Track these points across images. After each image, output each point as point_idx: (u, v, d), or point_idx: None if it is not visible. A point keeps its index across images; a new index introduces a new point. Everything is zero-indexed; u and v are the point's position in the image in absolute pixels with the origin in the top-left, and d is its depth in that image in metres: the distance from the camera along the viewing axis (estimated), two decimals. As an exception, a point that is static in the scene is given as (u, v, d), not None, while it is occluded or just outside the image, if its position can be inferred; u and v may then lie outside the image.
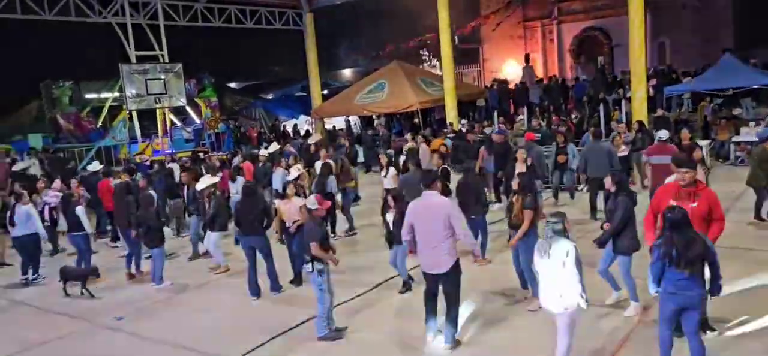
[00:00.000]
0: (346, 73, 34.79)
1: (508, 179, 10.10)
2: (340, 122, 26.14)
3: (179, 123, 23.75)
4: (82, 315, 8.18)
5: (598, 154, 10.56)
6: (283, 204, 8.71)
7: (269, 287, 8.25)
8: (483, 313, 6.87)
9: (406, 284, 7.81)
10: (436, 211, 5.92)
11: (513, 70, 30.40)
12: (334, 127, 25.74)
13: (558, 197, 12.28)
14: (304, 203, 7.18)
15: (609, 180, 6.71)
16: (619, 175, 7.00)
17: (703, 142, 13.25)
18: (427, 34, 28.96)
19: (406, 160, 12.14)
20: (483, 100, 24.56)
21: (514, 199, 7.04)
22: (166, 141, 21.12)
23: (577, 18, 29.40)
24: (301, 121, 27.74)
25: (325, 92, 26.45)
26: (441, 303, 6.11)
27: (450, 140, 15.74)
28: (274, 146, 15.63)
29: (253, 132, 26.07)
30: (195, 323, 7.59)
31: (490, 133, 14.53)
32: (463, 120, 19.94)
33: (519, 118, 20.34)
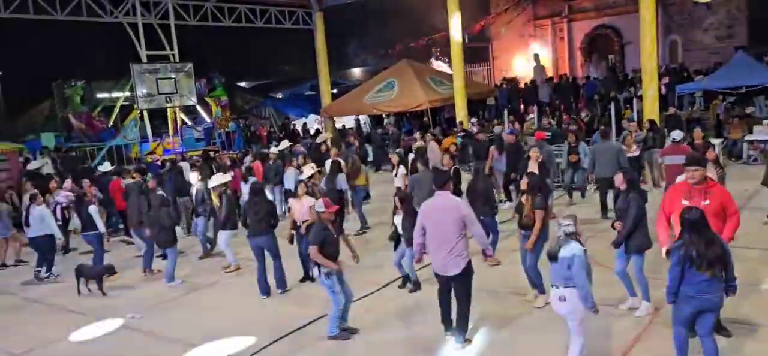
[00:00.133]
0: (356, 71, 34.72)
1: (521, 178, 10.07)
2: (350, 121, 26.13)
3: (190, 122, 23.84)
4: (95, 313, 8.24)
5: (606, 154, 10.54)
6: (295, 202, 8.74)
7: (275, 285, 8.28)
8: (493, 313, 6.85)
9: (415, 283, 7.81)
10: (450, 212, 5.88)
11: (523, 68, 30.28)
12: (343, 126, 25.74)
13: (572, 195, 12.24)
14: (314, 204, 7.19)
15: (619, 177, 6.61)
16: (631, 173, 6.97)
17: (715, 141, 13.17)
18: (436, 34, 28.90)
19: (414, 159, 12.12)
20: (493, 99, 24.47)
21: (523, 199, 7.00)
22: (176, 140, 21.20)
23: (588, 16, 29.17)
24: (310, 120, 27.75)
25: (334, 91, 26.41)
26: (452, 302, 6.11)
27: (460, 139, 15.71)
28: (284, 143, 15.66)
29: (263, 131, 26.14)
30: (205, 322, 7.62)
31: (499, 133, 14.48)
32: (473, 119, 19.89)
33: (529, 116, 20.27)
